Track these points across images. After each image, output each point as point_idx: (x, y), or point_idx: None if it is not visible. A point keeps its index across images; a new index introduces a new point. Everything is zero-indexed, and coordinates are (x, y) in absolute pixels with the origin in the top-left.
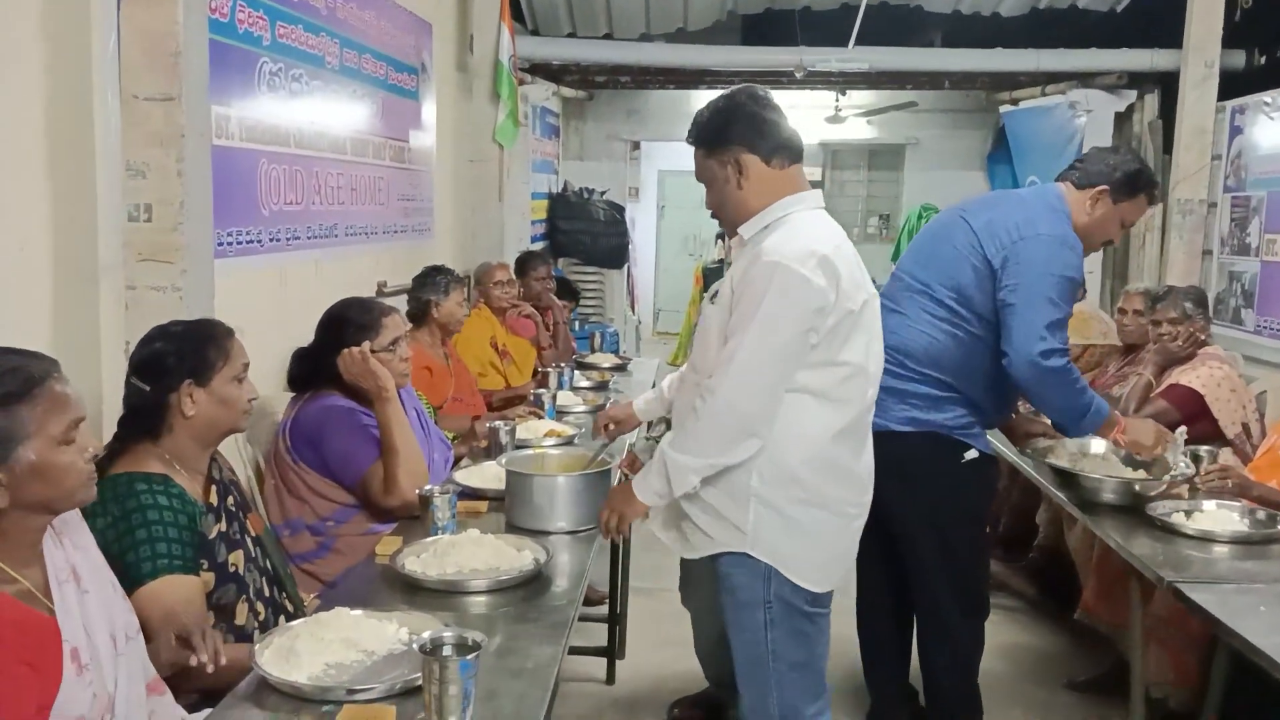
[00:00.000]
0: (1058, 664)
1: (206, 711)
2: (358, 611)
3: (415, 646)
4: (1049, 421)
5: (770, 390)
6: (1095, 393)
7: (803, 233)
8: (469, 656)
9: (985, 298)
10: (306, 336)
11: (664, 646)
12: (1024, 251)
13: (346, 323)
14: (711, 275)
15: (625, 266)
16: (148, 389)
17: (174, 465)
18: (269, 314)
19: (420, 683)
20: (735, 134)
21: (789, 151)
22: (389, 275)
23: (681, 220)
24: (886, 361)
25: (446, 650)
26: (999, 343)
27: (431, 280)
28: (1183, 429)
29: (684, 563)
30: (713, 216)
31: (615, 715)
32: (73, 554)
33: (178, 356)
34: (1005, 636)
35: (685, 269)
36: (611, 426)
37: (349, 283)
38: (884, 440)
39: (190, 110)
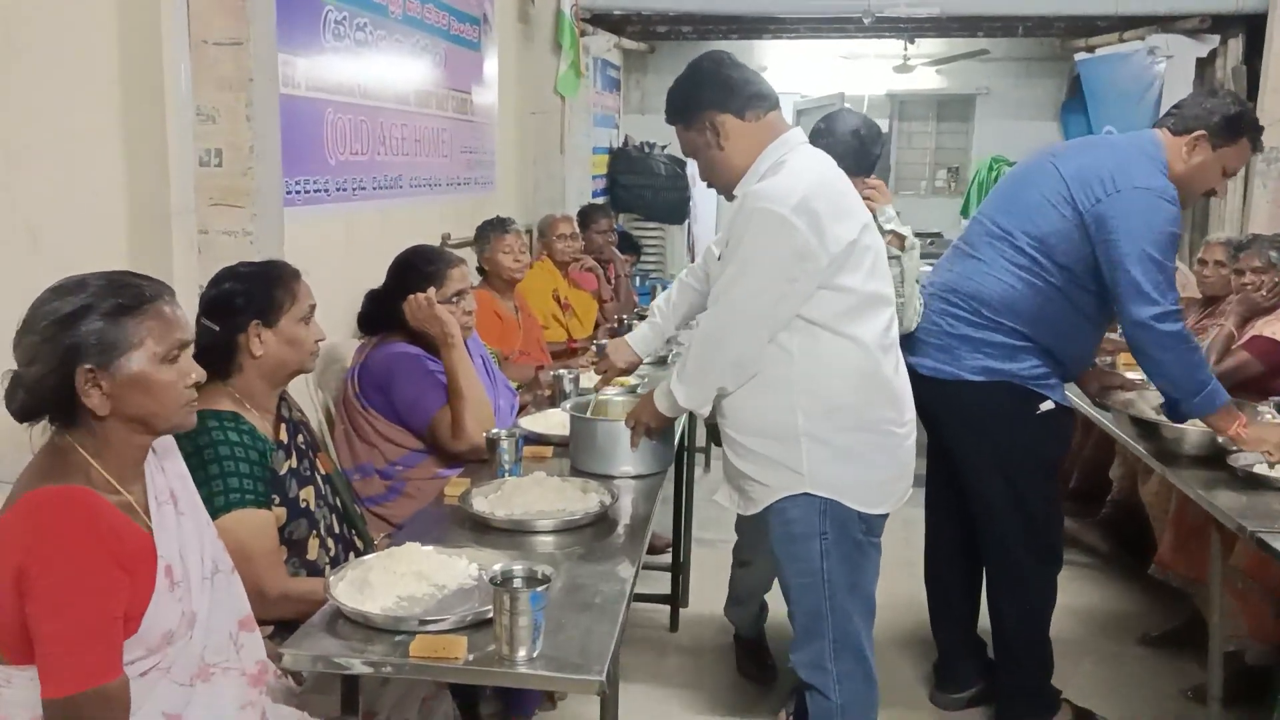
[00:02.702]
0: (1131, 620)
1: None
2: (429, 547)
3: (486, 579)
4: (1131, 376)
5: (752, 326)
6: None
7: (786, 174)
8: (539, 589)
9: (1071, 248)
10: (373, 285)
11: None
12: (1121, 206)
13: (412, 269)
14: None
15: (686, 222)
16: (217, 329)
17: (244, 404)
18: (335, 263)
19: (490, 615)
20: (705, 98)
21: (762, 101)
22: (453, 228)
23: None
24: (961, 308)
25: (517, 583)
26: (1082, 295)
27: (480, 233)
28: None
29: (740, 520)
30: (709, 186)
31: (679, 661)
32: (173, 480)
33: (246, 297)
34: (1078, 593)
35: None
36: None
37: (414, 234)
38: (957, 389)
39: (258, 55)
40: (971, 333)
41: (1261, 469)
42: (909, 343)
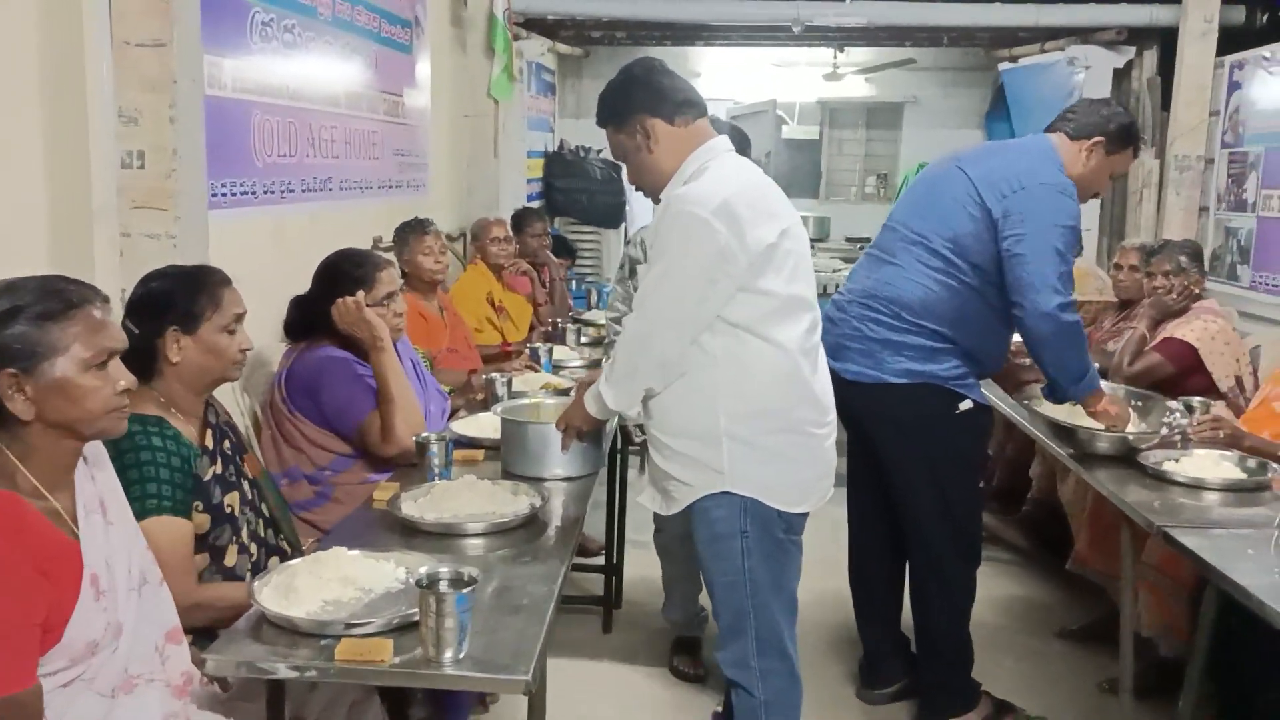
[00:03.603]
0: (1050, 614)
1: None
2: (355, 551)
3: (412, 581)
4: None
5: (675, 327)
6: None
7: (707, 180)
8: (465, 590)
9: (983, 248)
10: (301, 289)
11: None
12: (1027, 201)
13: (341, 273)
14: None
15: (622, 226)
16: (136, 332)
17: (169, 408)
18: (264, 266)
19: (416, 618)
20: (636, 103)
21: (691, 108)
22: (385, 230)
23: None
24: (881, 313)
25: (443, 585)
26: (995, 294)
27: (399, 235)
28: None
29: (657, 519)
30: (636, 189)
31: (614, 662)
32: (103, 489)
33: (166, 302)
34: (998, 588)
35: None
36: None
37: (344, 237)
38: (880, 391)
39: (182, 56)
40: (892, 336)
41: (1170, 466)
42: (831, 348)
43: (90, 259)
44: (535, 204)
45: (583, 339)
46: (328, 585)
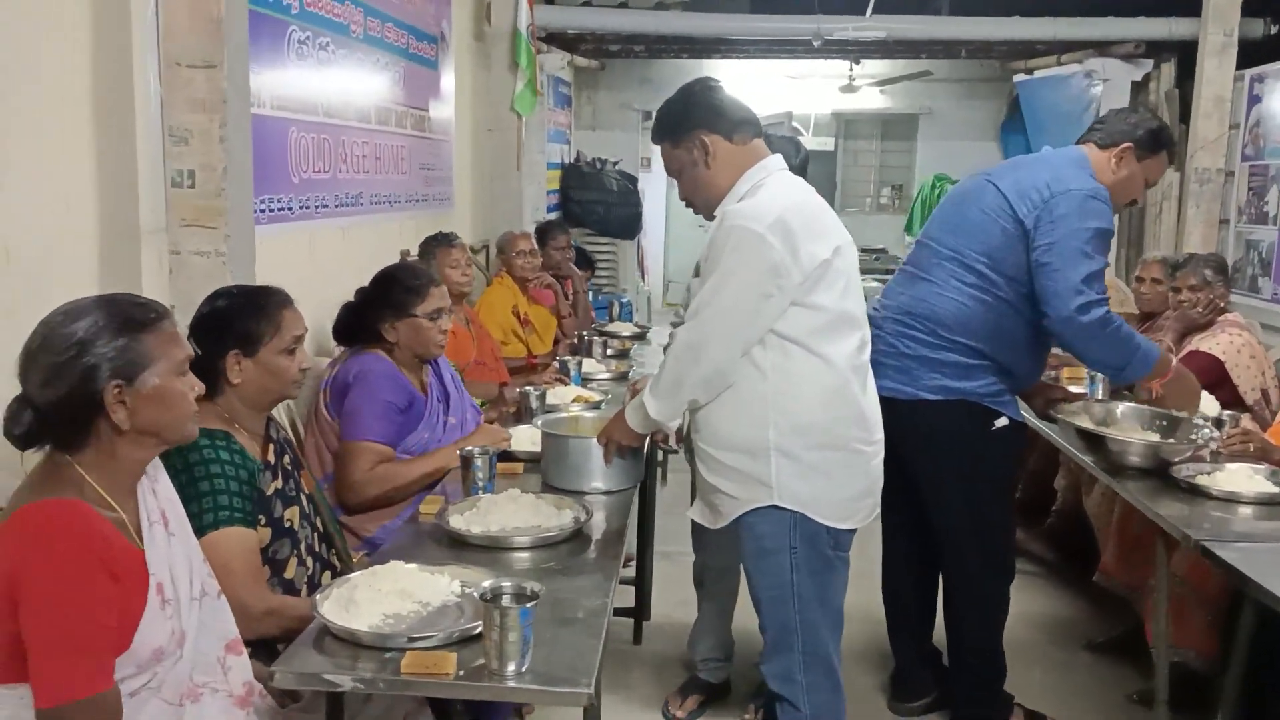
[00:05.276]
0: (1076, 626)
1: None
2: (411, 565)
3: (476, 595)
4: (1074, 390)
5: (727, 340)
6: (1142, 337)
7: (763, 196)
8: (528, 605)
9: (1017, 260)
10: (337, 301)
11: (687, 607)
12: (1056, 209)
13: (396, 283)
14: None
15: (637, 238)
16: (199, 351)
17: (232, 423)
18: (299, 280)
19: (476, 631)
20: (696, 119)
21: (749, 126)
22: (412, 244)
23: None
24: (917, 329)
25: (506, 599)
26: (1030, 308)
27: (425, 248)
28: (1214, 404)
29: (702, 536)
30: (687, 206)
31: (643, 673)
32: (164, 502)
33: (226, 325)
34: (1024, 600)
35: (695, 240)
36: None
37: (374, 251)
38: (915, 409)
39: (232, 76)
40: (928, 353)
41: (1203, 480)
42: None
43: (138, 276)
44: (554, 215)
45: (609, 351)
46: (386, 599)
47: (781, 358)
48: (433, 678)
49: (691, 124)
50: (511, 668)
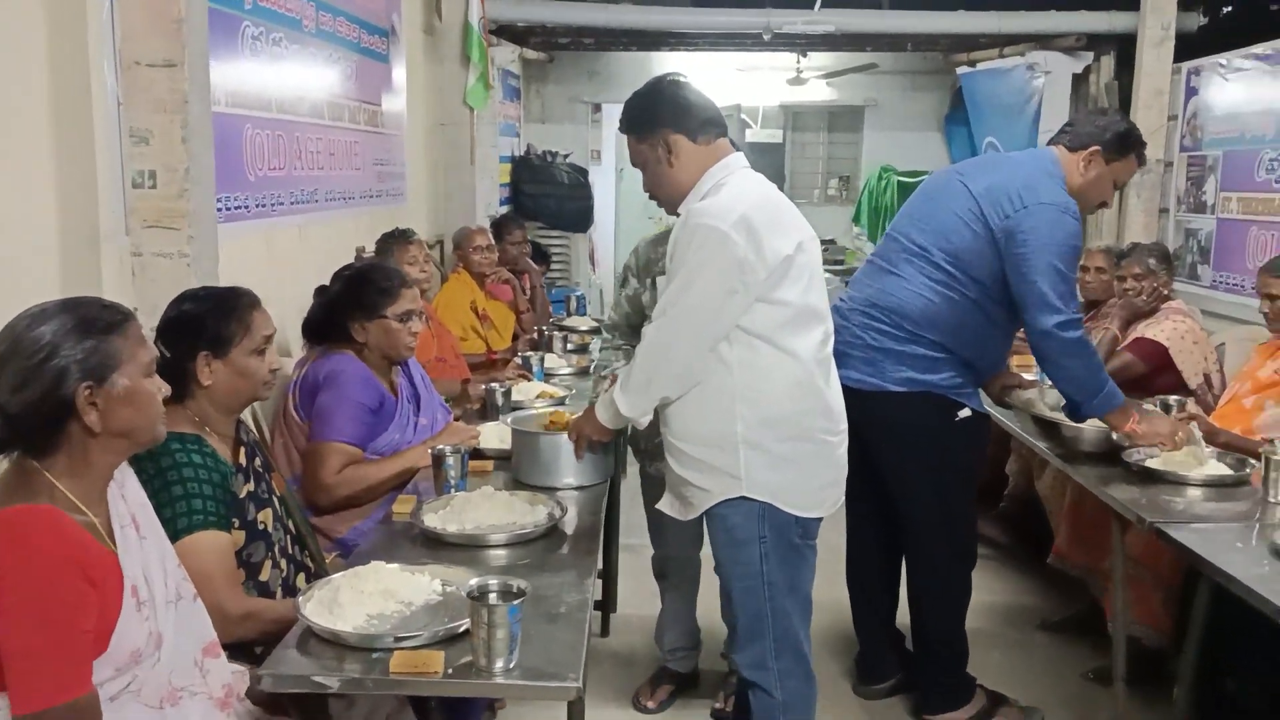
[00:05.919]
0: (1031, 608)
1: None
2: (393, 565)
3: (462, 593)
4: (1027, 376)
5: (696, 336)
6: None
7: (726, 194)
8: (515, 601)
9: (984, 263)
10: (295, 300)
11: (652, 599)
12: (1029, 221)
13: (368, 284)
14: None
15: (589, 230)
16: (168, 355)
17: (203, 426)
18: (259, 280)
19: (461, 629)
20: (662, 117)
21: (714, 127)
22: (367, 240)
23: (640, 184)
24: (883, 322)
25: (493, 596)
26: (994, 306)
27: (382, 245)
28: (1194, 426)
29: (661, 529)
30: (651, 198)
31: (613, 666)
32: (134, 506)
33: (197, 326)
34: (980, 584)
35: (644, 232)
36: None
37: (331, 248)
38: (882, 400)
39: (193, 76)
40: (895, 346)
41: (1154, 463)
42: (834, 355)
43: (99, 279)
44: (505, 209)
45: (569, 346)
46: (369, 599)
47: (747, 352)
48: (422, 676)
49: (657, 122)
50: (499, 664)
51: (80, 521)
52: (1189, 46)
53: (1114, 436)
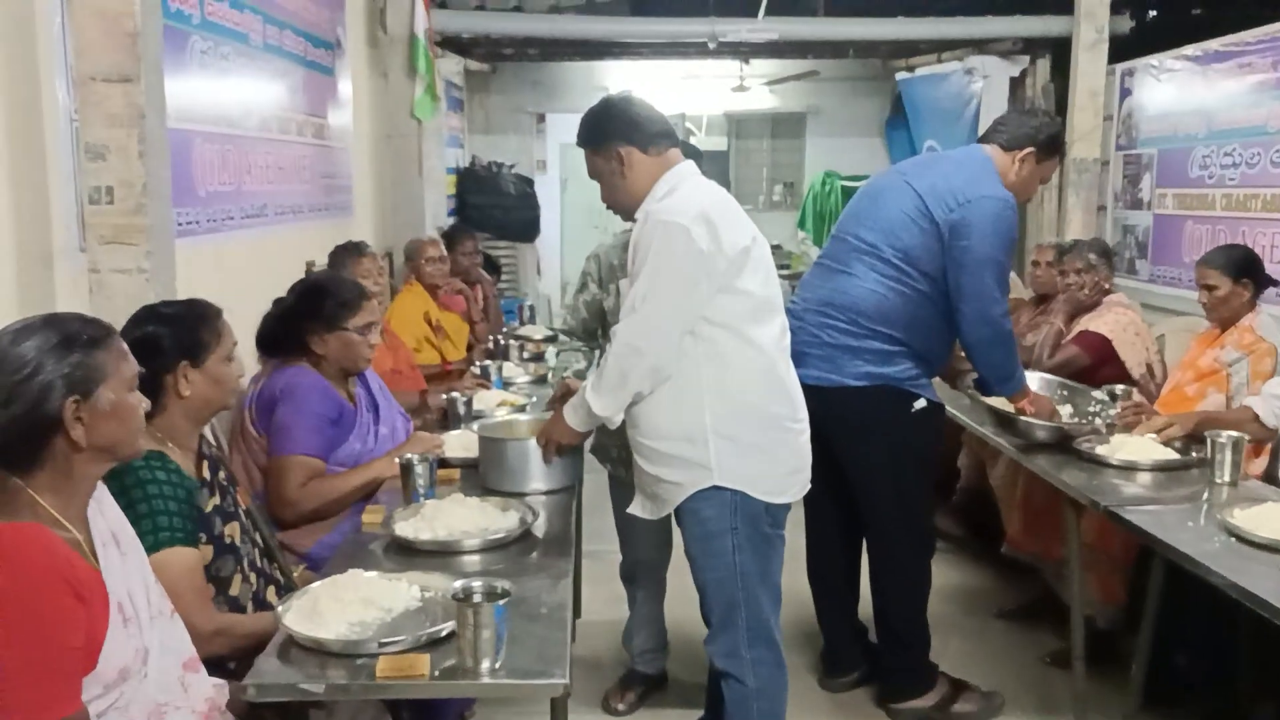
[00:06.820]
0: (987, 596)
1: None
2: (371, 573)
3: (448, 596)
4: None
5: (665, 330)
6: None
7: (682, 194)
8: (501, 602)
9: (931, 257)
10: (246, 316)
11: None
12: (971, 213)
13: (328, 296)
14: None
15: (536, 240)
16: (142, 370)
17: (165, 443)
18: (210, 295)
19: (444, 633)
20: (614, 132)
21: (665, 139)
22: (316, 254)
23: (585, 194)
24: (838, 319)
25: (477, 597)
26: (942, 299)
27: (335, 258)
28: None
29: (631, 534)
30: (608, 208)
31: (581, 670)
32: (113, 523)
33: (174, 337)
34: (936, 575)
35: (589, 242)
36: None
37: (280, 263)
38: (840, 395)
39: (149, 90)
40: (851, 342)
41: (1101, 450)
42: (791, 355)
43: (53, 298)
44: (452, 220)
45: (525, 354)
46: (350, 607)
47: (713, 344)
48: (409, 680)
49: (609, 136)
50: (486, 664)
51: (65, 538)
52: (1122, 48)
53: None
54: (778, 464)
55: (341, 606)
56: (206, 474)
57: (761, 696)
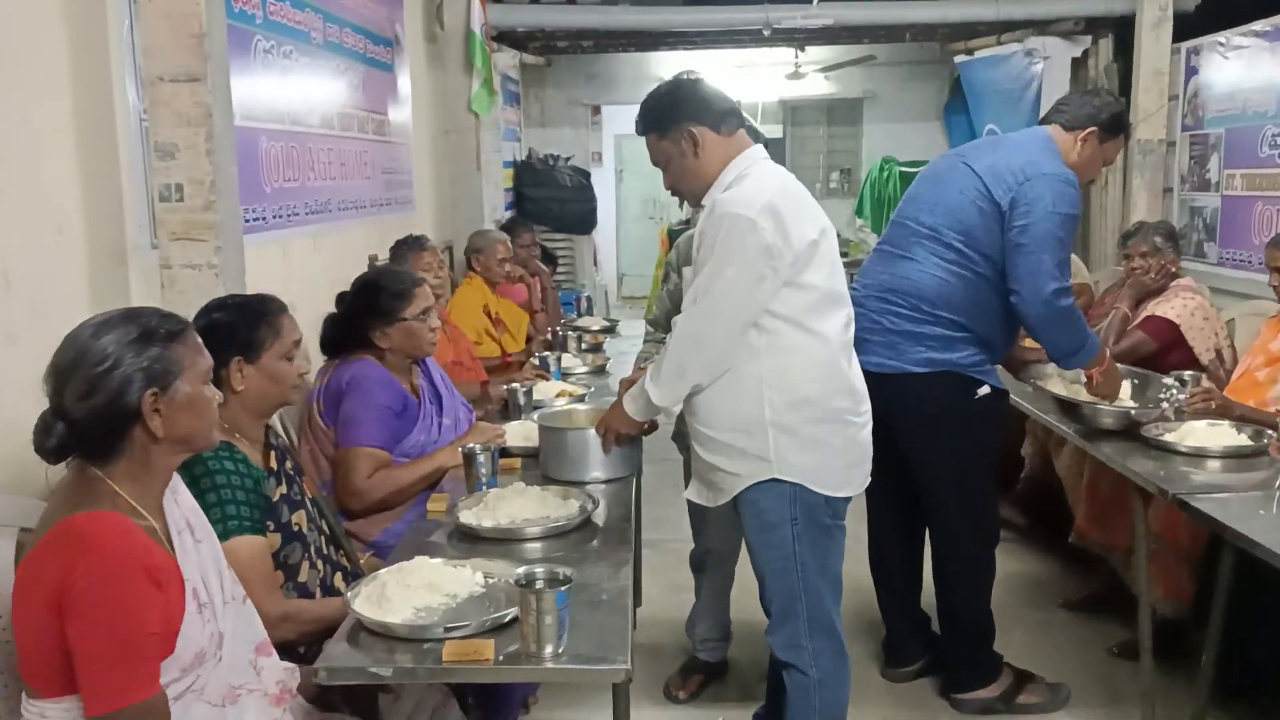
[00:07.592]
0: (1052, 586)
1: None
2: (436, 560)
3: (510, 582)
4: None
5: (728, 323)
6: (1089, 328)
7: (751, 184)
8: (563, 588)
9: (992, 239)
10: (311, 309)
11: (677, 593)
12: (1031, 191)
13: (381, 290)
14: (676, 235)
15: (593, 232)
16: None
17: (233, 434)
18: (277, 289)
19: (507, 619)
20: (684, 111)
21: (734, 118)
22: (378, 249)
23: (640, 184)
24: (900, 305)
25: (539, 583)
26: (1004, 282)
27: (396, 252)
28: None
29: (703, 523)
30: (673, 194)
31: (641, 658)
32: (186, 511)
33: (229, 333)
34: (1001, 565)
35: (645, 233)
36: None
37: (344, 258)
38: (902, 381)
39: (216, 89)
40: (913, 328)
41: (1170, 436)
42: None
43: (128, 294)
44: (508, 213)
45: (583, 345)
46: (416, 593)
47: (774, 337)
48: (475, 664)
49: (679, 116)
50: (549, 650)
51: (143, 527)
52: (1186, 26)
53: (1132, 414)
54: (838, 457)
55: (408, 592)
56: (274, 464)
57: (824, 687)
